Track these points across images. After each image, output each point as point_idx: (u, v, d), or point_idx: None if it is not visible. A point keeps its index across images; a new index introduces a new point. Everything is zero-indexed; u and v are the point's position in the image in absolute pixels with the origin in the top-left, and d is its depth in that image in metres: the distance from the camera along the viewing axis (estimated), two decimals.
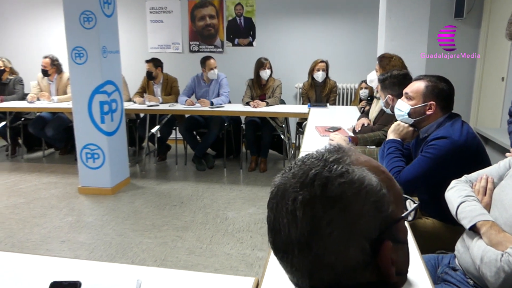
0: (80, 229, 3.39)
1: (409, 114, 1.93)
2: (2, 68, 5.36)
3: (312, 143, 2.88)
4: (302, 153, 2.61)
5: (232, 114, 4.91)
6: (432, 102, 1.85)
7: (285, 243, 0.61)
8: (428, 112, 1.87)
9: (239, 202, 3.94)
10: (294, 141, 5.28)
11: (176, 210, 3.77)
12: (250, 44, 5.88)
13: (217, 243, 3.14)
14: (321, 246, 0.59)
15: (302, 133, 4.72)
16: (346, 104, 5.58)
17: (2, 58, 5.42)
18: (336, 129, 3.17)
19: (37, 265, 1.37)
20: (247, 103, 4.79)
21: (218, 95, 5.01)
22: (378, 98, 3.12)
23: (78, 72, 3.93)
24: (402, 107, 1.95)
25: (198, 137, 5.21)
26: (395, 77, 2.37)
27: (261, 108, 4.65)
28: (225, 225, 3.45)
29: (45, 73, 5.24)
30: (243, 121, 5.22)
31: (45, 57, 5.21)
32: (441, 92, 1.85)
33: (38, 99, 5.19)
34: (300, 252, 0.60)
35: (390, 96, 2.36)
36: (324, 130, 3.17)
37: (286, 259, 0.63)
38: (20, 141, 5.69)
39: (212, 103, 4.77)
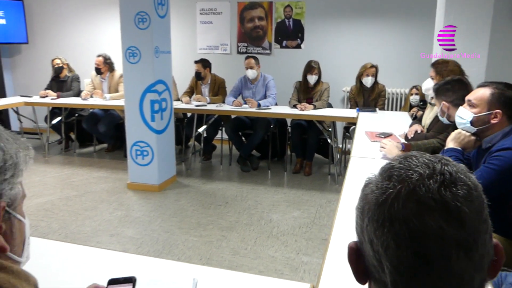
0: (129, 224, 3.48)
1: (472, 123, 1.84)
2: (61, 65, 5.61)
3: (362, 148, 2.81)
4: (353, 158, 2.55)
5: (279, 116, 4.88)
6: (498, 110, 1.76)
7: (444, 248, 0.54)
8: (493, 121, 1.78)
9: (283, 205, 3.92)
10: (341, 146, 5.19)
11: (221, 209, 3.80)
12: (298, 46, 5.85)
13: (262, 245, 3.13)
14: (487, 244, 0.57)
15: (350, 137, 4.64)
16: (395, 110, 5.43)
17: (59, 56, 5.68)
18: (387, 135, 3.08)
19: (92, 256, 1.41)
20: (294, 106, 4.76)
21: (264, 97, 5.01)
22: (432, 104, 3.01)
23: (131, 71, 4.05)
24: (464, 114, 1.86)
25: (243, 138, 5.23)
26: (448, 83, 2.27)
27: (308, 111, 4.60)
28: (269, 227, 3.44)
29: (98, 71, 5.44)
30: (289, 123, 5.19)
31: (99, 55, 5.41)
32: (509, 100, 1.75)
33: (91, 96, 5.39)
34: (466, 254, 0.55)
35: (444, 103, 2.25)
36: (374, 136, 3.09)
37: (441, 266, 0.55)
38: (73, 136, 5.94)
39: (259, 105, 4.77)
